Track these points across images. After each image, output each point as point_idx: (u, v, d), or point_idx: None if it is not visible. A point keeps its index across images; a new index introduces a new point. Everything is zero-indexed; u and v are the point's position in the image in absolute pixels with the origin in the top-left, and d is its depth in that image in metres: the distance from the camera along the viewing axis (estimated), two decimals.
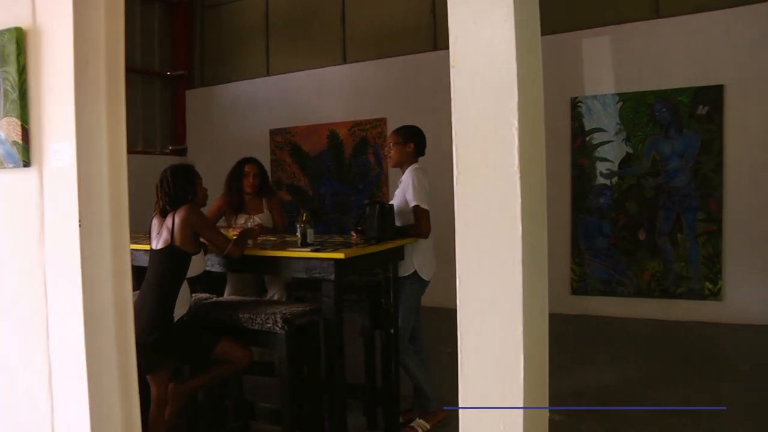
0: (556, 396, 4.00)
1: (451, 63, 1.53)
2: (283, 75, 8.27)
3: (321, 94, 7.91)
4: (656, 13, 6.13)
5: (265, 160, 7.02)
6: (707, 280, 5.96)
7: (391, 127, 5.96)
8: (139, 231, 3.72)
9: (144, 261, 3.28)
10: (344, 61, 7.82)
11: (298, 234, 3.32)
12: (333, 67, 7.87)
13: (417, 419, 3.69)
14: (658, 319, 6.06)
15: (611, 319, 6.14)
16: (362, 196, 7.32)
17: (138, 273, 3.11)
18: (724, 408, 3.85)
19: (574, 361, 4.90)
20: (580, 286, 6.33)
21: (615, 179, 6.19)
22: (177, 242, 2.99)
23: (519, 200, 1.46)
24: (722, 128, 5.84)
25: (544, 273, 1.67)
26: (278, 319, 3.00)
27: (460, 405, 1.64)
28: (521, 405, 1.53)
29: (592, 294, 6.30)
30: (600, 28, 6.26)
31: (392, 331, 3.54)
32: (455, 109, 1.52)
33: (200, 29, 9.18)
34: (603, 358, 5.02)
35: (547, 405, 1.73)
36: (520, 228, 1.46)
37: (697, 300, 6.01)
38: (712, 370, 4.76)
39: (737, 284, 5.90)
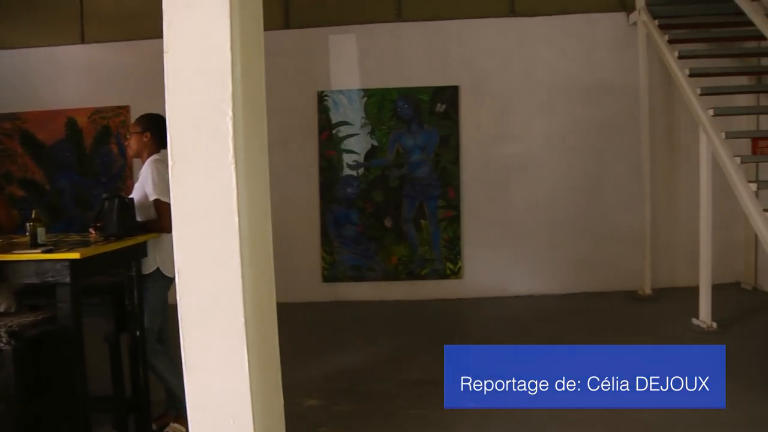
0: (311, 382, 4.17)
1: (165, 48, 1.47)
2: (11, 50, 7.29)
3: (57, 76, 7.12)
4: (399, 16, 6.58)
5: None
6: (449, 261, 6.59)
7: (135, 115, 5.59)
8: None
9: None
10: (83, 41, 7.13)
11: (28, 234, 2.99)
12: (70, 47, 7.13)
13: (171, 424, 3.54)
14: (406, 300, 6.56)
15: (362, 303, 6.49)
16: (106, 189, 6.77)
17: None
18: None
19: (328, 346, 5.10)
20: (330, 274, 6.58)
21: (361, 170, 6.53)
22: None
23: (235, 191, 1.45)
24: (458, 124, 6.51)
25: (269, 263, 1.68)
26: (2, 333, 2.65)
27: (187, 401, 1.60)
28: (248, 396, 1.53)
29: (343, 280, 6.59)
30: (347, 26, 6.53)
31: (138, 333, 3.35)
32: (168, 96, 1.46)
33: None
34: (356, 341, 5.29)
35: (280, 393, 1.75)
36: (237, 219, 1.45)
37: (440, 279, 6.64)
38: (455, 340, 5.28)
39: (474, 263, 6.64)
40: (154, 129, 3.50)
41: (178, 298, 1.52)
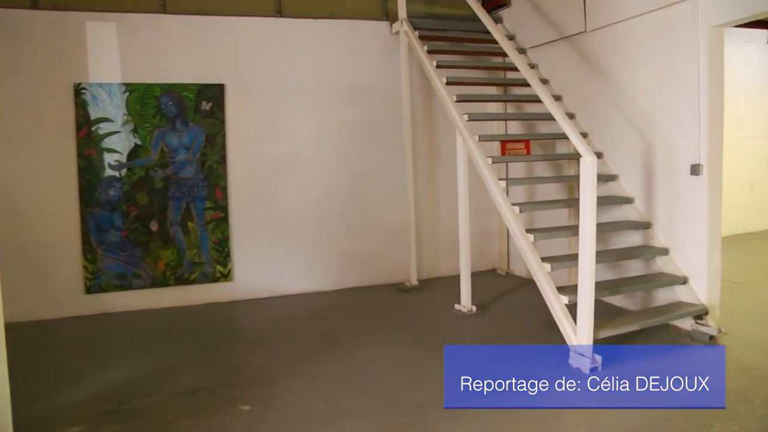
0: (75, 406, 3.79)
1: None
2: None
3: None
4: (163, 7, 6.22)
5: None
6: (218, 263, 6.40)
7: None
8: None
9: None
10: None
11: None
12: None
13: None
14: (177, 306, 6.26)
15: (130, 314, 6.05)
16: None
17: None
18: None
19: (94, 364, 4.66)
20: (94, 284, 6.03)
21: (124, 171, 6.07)
22: None
23: None
24: (224, 123, 6.33)
25: None
26: None
27: None
28: None
29: (108, 290, 6.07)
30: (106, 13, 6.01)
31: None
32: None
33: None
34: (124, 355, 4.89)
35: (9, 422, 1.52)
36: None
37: (211, 283, 6.41)
38: (228, 344, 5.15)
39: (244, 265, 6.53)
40: None
41: None
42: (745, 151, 9.67)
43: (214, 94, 6.28)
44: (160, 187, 6.17)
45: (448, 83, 6.00)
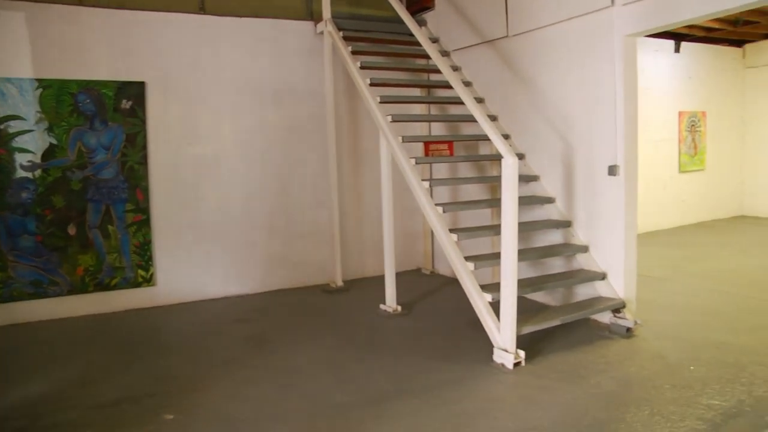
0: None
1: None
2: None
3: None
4: (79, 0, 5.96)
5: None
6: (140, 268, 6.20)
7: None
8: None
9: None
10: None
11: None
12: None
13: None
14: (97, 314, 6.03)
15: (47, 323, 5.77)
16: None
17: None
18: None
19: (5, 379, 4.38)
20: (5, 293, 5.70)
21: (39, 172, 5.79)
22: None
23: None
24: (146, 123, 6.14)
25: None
26: None
27: None
28: None
29: (22, 299, 5.75)
30: (16, 2, 5.68)
31: None
32: None
33: None
34: (39, 368, 4.64)
35: None
36: None
37: (132, 288, 6.21)
38: (151, 352, 4.98)
39: (167, 269, 6.35)
40: None
41: None
42: (658, 152, 10.19)
43: (135, 92, 6.07)
44: (77, 188, 5.91)
45: (372, 84, 6.03)
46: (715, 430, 3.30)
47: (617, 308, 5.08)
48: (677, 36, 10.32)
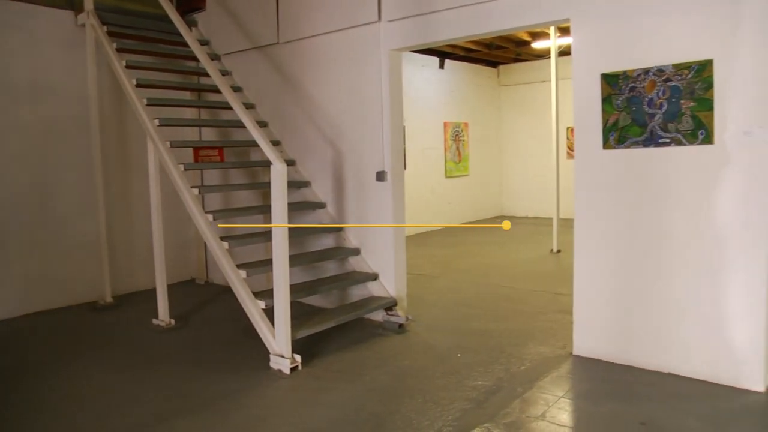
0: None
1: None
2: None
3: None
4: None
5: None
6: None
7: None
8: None
9: None
10: None
11: None
12: None
13: None
14: None
15: None
16: None
17: None
18: None
19: None
20: None
21: None
22: None
23: None
24: None
25: None
26: None
27: None
28: None
29: None
30: None
31: None
32: None
33: None
34: None
35: None
36: None
37: None
38: None
39: None
40: None
41: None
42: (426, 160, 10.96)
43: None
44: None
45: (138, 85, 5.68)
46: (479, 407, 3.62)
47: (389, 306, 5.34)
48: (442, 54, 11.22)
